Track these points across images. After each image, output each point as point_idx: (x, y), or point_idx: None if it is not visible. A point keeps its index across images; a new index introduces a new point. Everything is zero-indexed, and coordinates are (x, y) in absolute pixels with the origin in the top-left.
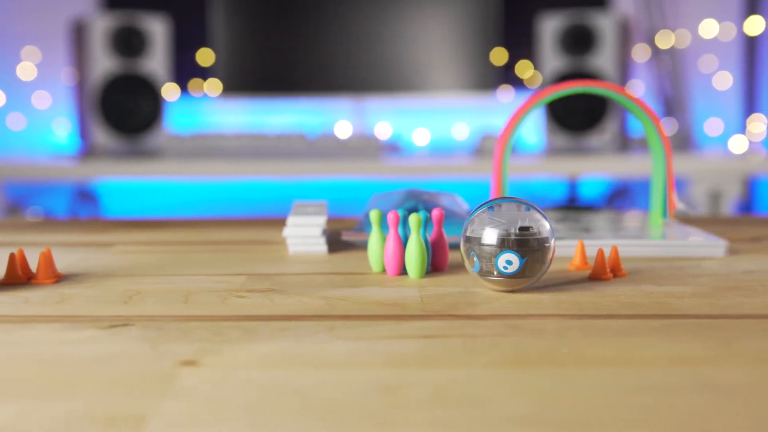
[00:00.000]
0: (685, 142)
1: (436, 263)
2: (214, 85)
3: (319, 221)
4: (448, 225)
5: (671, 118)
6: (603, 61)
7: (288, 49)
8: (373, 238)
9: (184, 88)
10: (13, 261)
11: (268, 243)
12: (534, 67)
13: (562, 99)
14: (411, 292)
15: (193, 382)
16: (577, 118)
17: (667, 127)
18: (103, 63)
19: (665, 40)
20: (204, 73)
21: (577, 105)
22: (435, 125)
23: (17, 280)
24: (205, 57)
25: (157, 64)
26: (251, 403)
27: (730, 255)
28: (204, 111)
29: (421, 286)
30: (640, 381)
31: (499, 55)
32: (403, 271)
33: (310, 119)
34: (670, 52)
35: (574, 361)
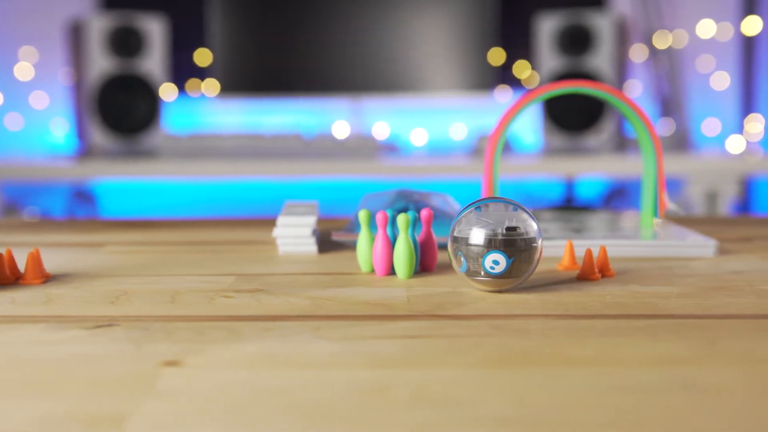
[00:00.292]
0: (682, 142)
1: (425, 263)
2: (211, 85)
3: (308, 221)
4: (439, 225)
5: (669, 118)
6: (600, 61)
7: (285, 49)
8: (362, 239)
9: (181, 88)
10: (0, 261)
11: (259, 243)
12: (531, 67)
13: (559, 99)
14: (398, 292)
15: (174, 383)
16: (575, 118)
17: (665, 128)
18: (101, 63)
19: (663, 40)
20: (201, 73)
21: (575, 105)
22: (432, 125)
23: (5, 280)
24: (202, 57)
25: (154, 64)
26: (232, 403)
27: (720, 255)
28: (201, 111)
29: (409, 287)
30: (621, 381)
31: (496, 55)
32: (391, 271)
33: (307, 119)
34: (668, 52)
35: (557, 362)
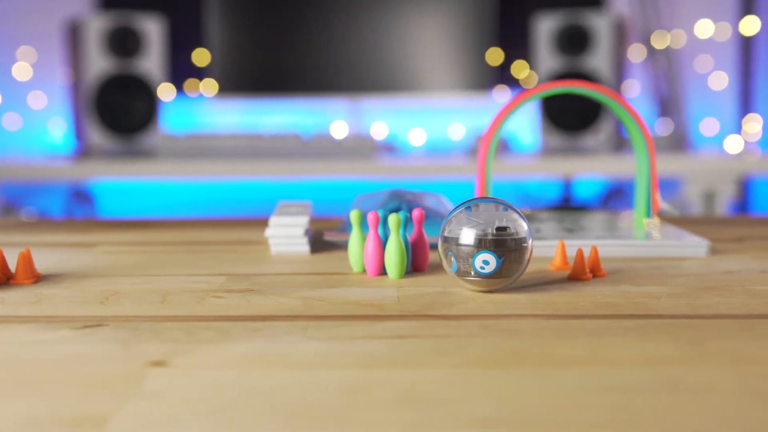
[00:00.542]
0: (680, 142)
1: (417, 263)
2: (209, 85)
3: (301, 221)
4: (433, 225)
5: (667, 118)
6: (598, 61)
7: (284, 49)
8: (354, 239)
9: (179, 89)
10: None
11: (252, 243)
12: (530, 67)
13: (557, 99)
14: (389, 292)
15: (160, 383)
16: (573, 118)
17: (663, 128)
18: (99, 63)
19: (661, 40)
20: (199, 73)
21: (573, 105)
22: (431, 125)
23: None
24: (200, 57)
25: (152, 64)
26: (216, 403)
27: (712, 255)
28: (200, 111)
29: (400, 287)
30: (608, 381)
31: (494, 55)
32: (383, 271)
33: (305, 119)
34: (666, 53)
35: (544, 362)
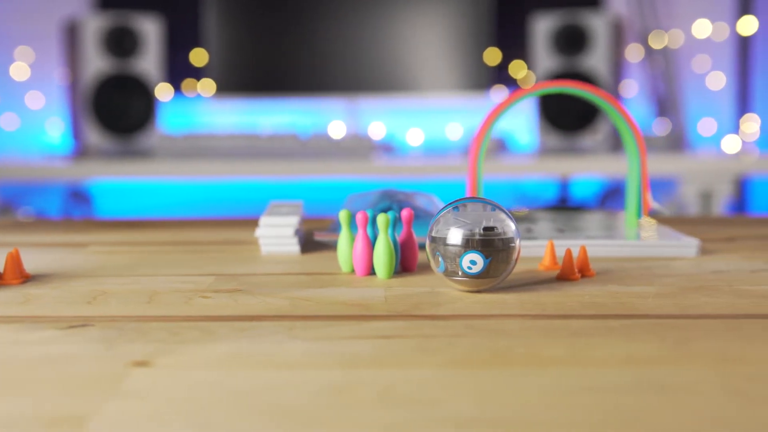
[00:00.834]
0: (678, 142)
1: (406, 263)
2: (207, 85)
3: (291, 221)
4: (423, 225)
5: (664, 118)
6: (596, 61)
7: (281, 49)
8: (343, 239)
9: (177, 88)
10: None
11: (243, 243)
12: (527, 67)
13: (554, 99)
14: (377, 292)
15: (141, 383)
16: (570, 118)
17: (661, 128)
18: (96, 63)
19: (658, 40)
20: (197, 73)
21: (570, 105)
22: (428, 125)
23: None
24: (198, 57)
25: (150, 64)
26: (197, 403)
27: (702, 255)
28: (197, 111)
29: (388, 287)
30: (589, 381)
31: (492, 55)
32: (372, 271)
33: (303, 119)
34: (664, 52)
35: (527, 362)
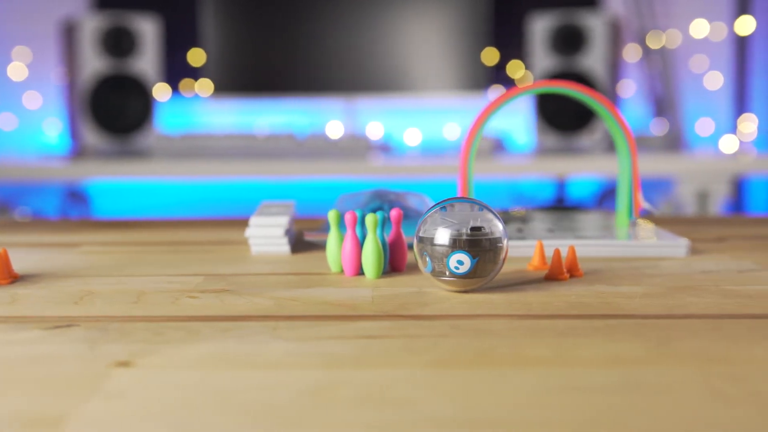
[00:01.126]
0: (675, 142)
1: (395, 263)
2: (204, 85)
3: (281, 221)
4: (415, 225)
5: (662, 118)
6: (594, 61)
7: (279, 49)
8: (332, 239)
9: (174, 89)
10: None
11: (234, 243)
12: (525, 67)
13: (552, 99)
14: (364, 292)
15: (123, 383)
16: (568, 118)
17: (658, 127)
18: (94, 63)
19: (656, 40)
20: (195, 74)
21: (568, 105)
22: (426, 125)
23: None
24: (195, 57)
25: (147, 64)
26: (177, 404)
27: (692, 255)
28: (195, 111)
29: (376, 287)
30: (570, 381)
31: (490, 55)
32: (360, 271)
33: (300, 119)
34: (661, 52)
35: (510, 362)
